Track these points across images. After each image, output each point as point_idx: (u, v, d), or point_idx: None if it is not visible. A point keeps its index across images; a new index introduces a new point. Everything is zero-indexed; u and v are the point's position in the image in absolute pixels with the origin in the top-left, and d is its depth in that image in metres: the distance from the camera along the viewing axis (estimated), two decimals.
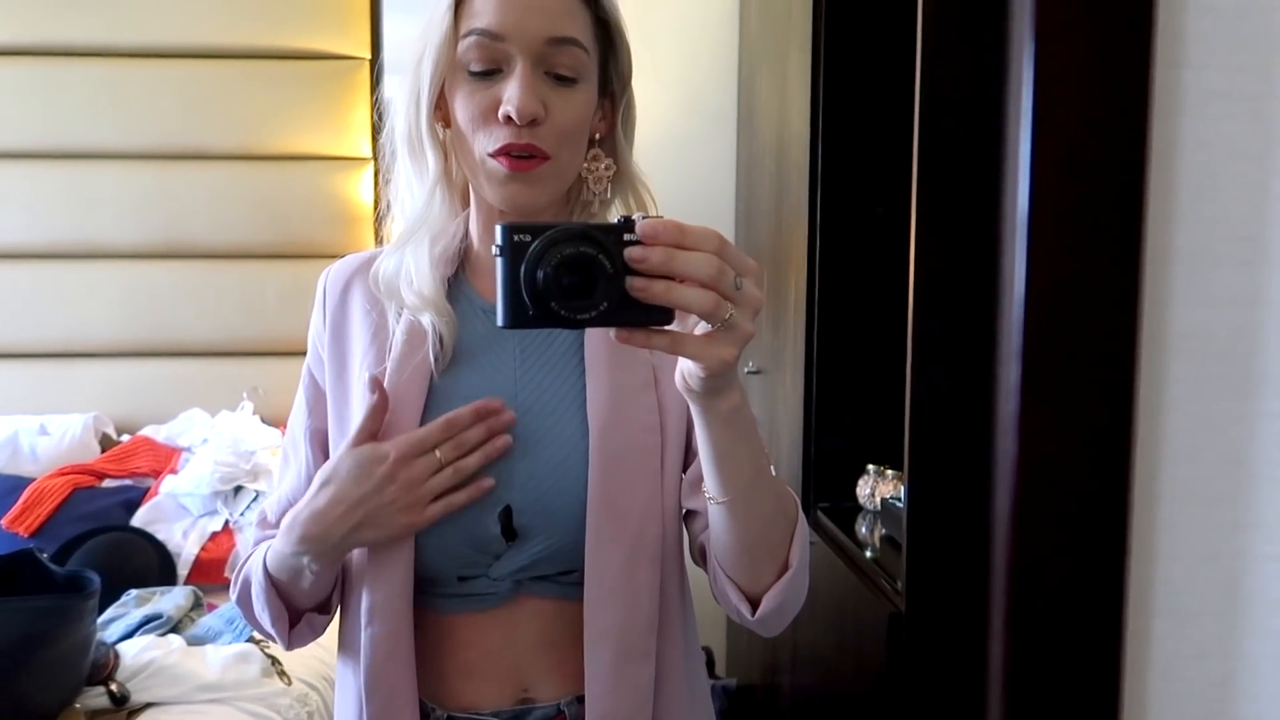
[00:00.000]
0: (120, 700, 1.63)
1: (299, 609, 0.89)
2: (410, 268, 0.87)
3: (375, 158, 2.65)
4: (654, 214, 0.78)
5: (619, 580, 0.81)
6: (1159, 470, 0.60)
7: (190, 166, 2.60)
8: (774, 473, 0.78)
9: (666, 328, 0.63)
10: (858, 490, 1.84)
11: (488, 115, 0.80)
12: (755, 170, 2.55)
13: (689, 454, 0.87)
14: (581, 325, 0.61)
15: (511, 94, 0.78)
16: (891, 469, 1.80)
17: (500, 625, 0.85)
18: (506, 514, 0.83)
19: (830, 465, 1.97)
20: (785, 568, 0.79)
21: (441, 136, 0.86)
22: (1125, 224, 0.58)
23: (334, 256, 2.90)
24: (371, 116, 2.64)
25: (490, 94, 0.80)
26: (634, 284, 0.60)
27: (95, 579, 1.59)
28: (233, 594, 0.93)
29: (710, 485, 0.74)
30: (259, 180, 2.60)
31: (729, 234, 2.75)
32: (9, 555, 1.64)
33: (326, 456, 0.88)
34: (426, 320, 0.85)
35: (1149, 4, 0.59)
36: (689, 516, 0.88)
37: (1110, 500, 0.59)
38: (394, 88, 2.67)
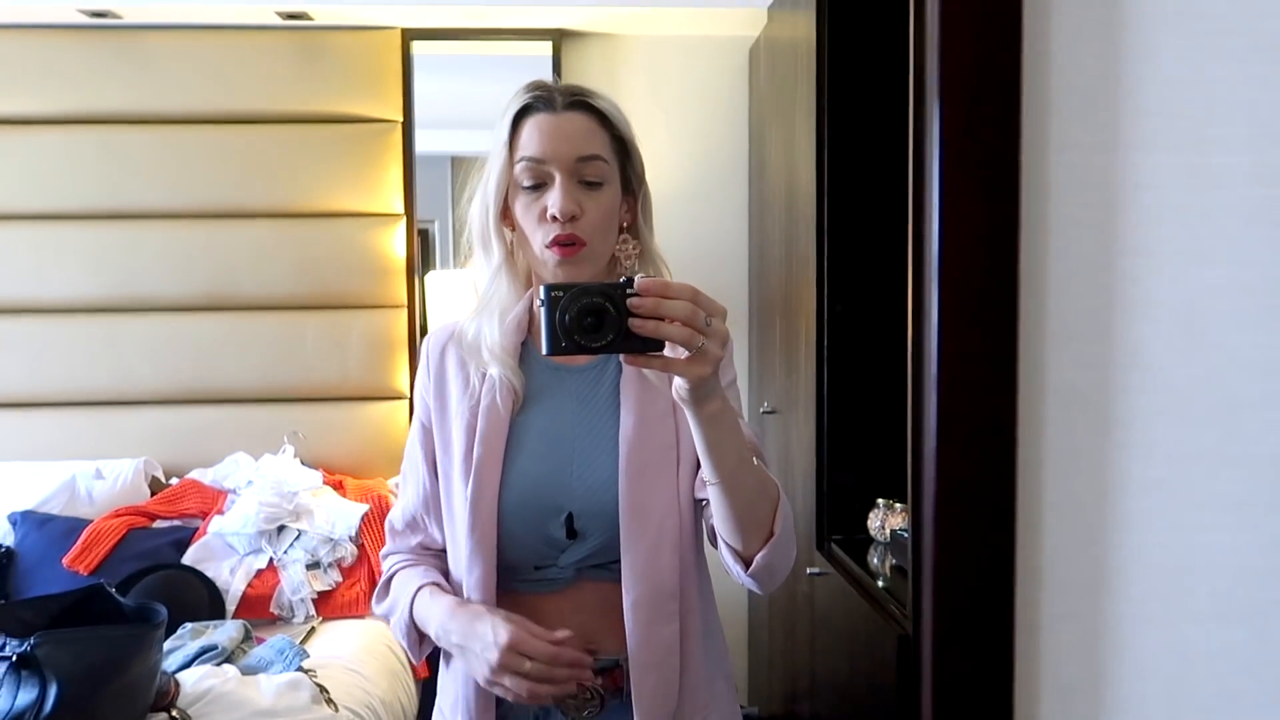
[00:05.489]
0: None
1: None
2: (484, 333, 1.13)
3: (407, 214, 2.81)
4: (670, 278, 1.02)
5: (646, 564, 1.07)
6: (1041, 489, 0.77)
7: (234, 224, 2.76)
8: (760, 464, 1.03)
9: (659, 354, 0.88)
10: (869, 523, 1.94)
11: (540, 218, 1.09)
12: (766, 220, 2.69)
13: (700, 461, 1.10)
14: (596, 352, 0.88)
15: (554, 200, 1.08)
16: (900, 502, 1.90)
17: (569, 601, 1.11)
18: (569, 520, 1.09)
19: (842, 499, 2.07)
20: (770, 535, 1.02)
21: (509, 236, 1.15)
22: (1005, 302, 0.76)
23: (369, 307, 3.07)
24: (404, 175, 2.80)
25: (540, 203, 1.09)
26: (634, 323, 0.86)
27: (162, 610, 1.71)
28: (376, 607, 1.24)
29: (705, 471, 0.98)
30: (298, 236, 2.76)
31: (742, 280, 2.89)
32: (82, 590, 1.77)
33: (436, 476, 1.18)
34: (497, 372, 1.12)
35: (1016, 82, 0.75)
36: (700, 505, 1.12)
37: (1002, 512, 0.76)
38: (424, 145, 2.84)
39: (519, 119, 1.11)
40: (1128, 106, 0.79)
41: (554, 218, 1.07)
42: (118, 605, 1.76)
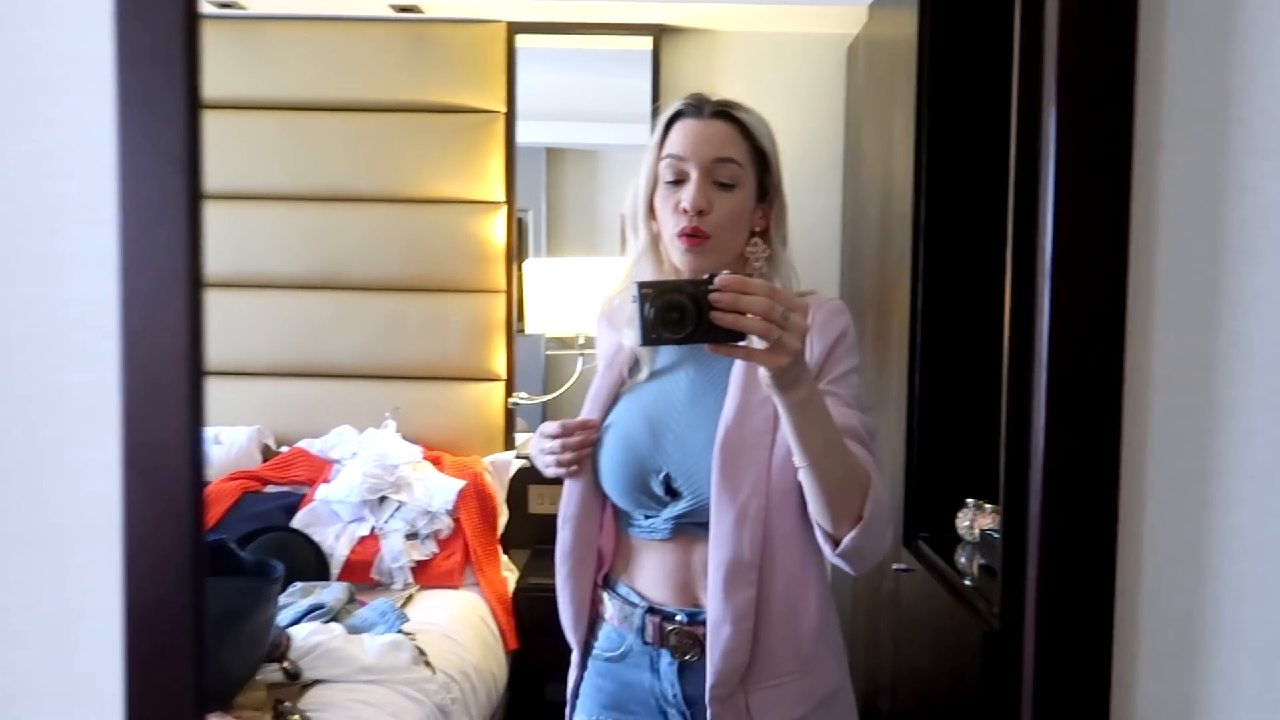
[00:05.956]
0: (293, 676, 1.87)
1: None
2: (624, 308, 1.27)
3: (508, 202, 2.90)
4: (796, 288, 1.26)
5: (730, 534, 1.16)
6: (1144, 472, 0.82)
7: (345, 208, 2.89)
8: (863, 451, 1.12)
9: (740, 344, 0.97)
10: (957, 522, 1.94)
11: (674, 209, 1.22)
12: (860, 217, 2.70)
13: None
14: (679, 343, 0.98)
15: (687, 194, 1.21)
16: (990, 503, 1.91)
17: (674, 552, 1.24)
18: (667, 478, 1.22)
19: (930, 498, 2.08)
20: (859, 519, 1.09)
21: (655, 226, 1.27)
22: (1115, 298, 0.79)
23: (469, 291, 3.17)
24: (505, 164, 2.89)
25: (676, 196, 1.23)
26: (715, 316, 0.95)
27: (279, 566, 1.83)
28: None
29: (794, 455, 1.08)
30: (404, 221, 2.87)
31: (834, 276, 2.91)
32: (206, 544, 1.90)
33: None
34: (627, 343, 1.28)
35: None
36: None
37: (1106, 500, 0.79)
38: (521, 136, 2.93)
39: (671, 122, 1.25)
40: (1237, 113, 0.81)
41: (684, 210, 1.20)
42: (238, 560, 1.88)
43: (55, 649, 0.76)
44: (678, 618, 1.23)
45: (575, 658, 1.34)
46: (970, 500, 1.93)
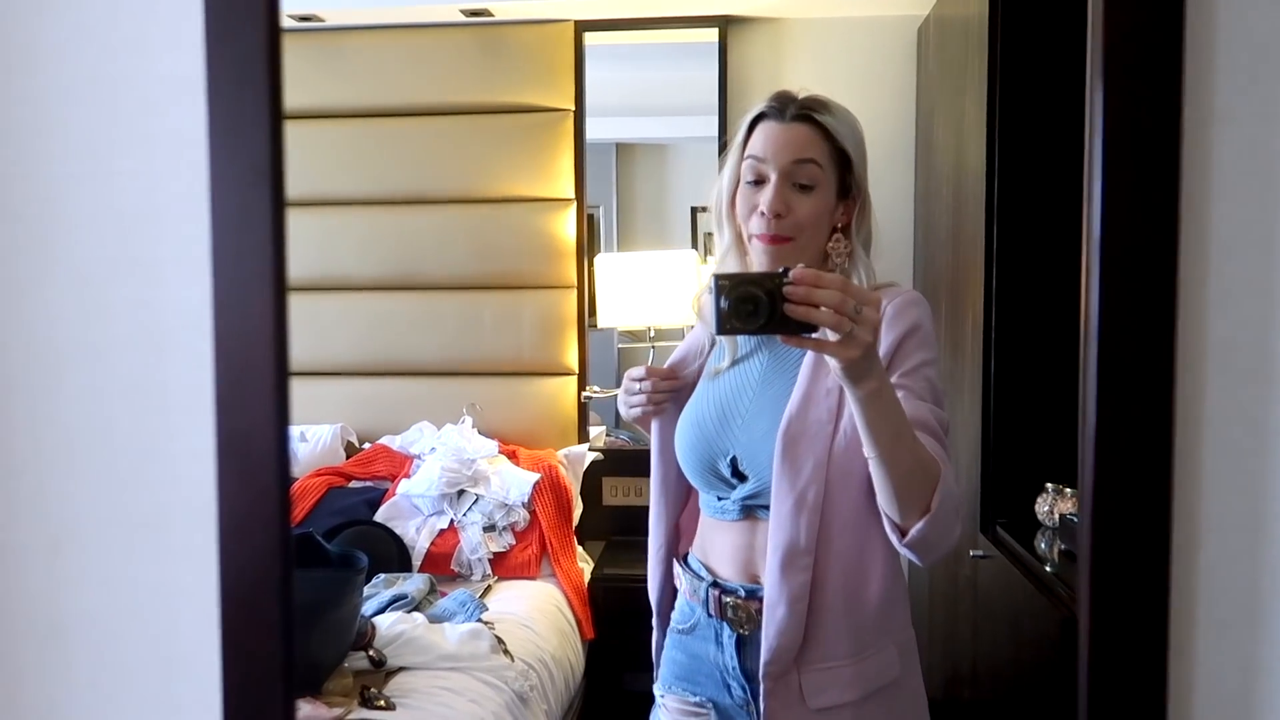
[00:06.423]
0: (378, 664, 1.94)
1: None
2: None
3: (578, 199, 2.94)
4: (874, 283, 1.27)
5: (787, 519, 1.19)
6: (1200, 445, 0.80)
7: (420, 210, 2.96)
8: (933, 443, 1.13)
9: (813, 336, 0.99)
10: (1036, 507, 1.91)
11: (754, 211, 1.26)
12: (932, 202, 2.66)
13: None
14: (752, 333, 1.04)
15: (766, 197, 1.24)
16: (1070, 487, 1.87)
17: (741, 533, 1.28)
18: (733, 461, 1.26)
19: (1008, 483, 2.05)
20: (928, 510, 1.10)
21: (738, 225, 1.30)
22: (1165, 273, 0.77)
23: (541, 288, 3.22)
24: (575, 161, 2.93)
25: (756, 198, 1.26)
26: (788, 308, 0.97)
27: (364, 557, 1.90)
28: None
29: (864, 445, 1.09)
30: (478, 221, 2.93)
31: (906, 261, 2.87)
32: (293, 537, 1.98)
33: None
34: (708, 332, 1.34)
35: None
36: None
37: (1160, 474, 0.77)
38: (591, 133, 2.96)
39: (754, 123, 1.28)
40: None
41: (762, 213, 1.24)
42: (325, 552, 1.96)
43: (157, 627, 0.81)
44: (737, 591, 1.27)
45: (655, 622, 1.41)
46: (1049, 485, 1.90)
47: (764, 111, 1.28)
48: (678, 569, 1.36)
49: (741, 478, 1.26)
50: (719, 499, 1.30)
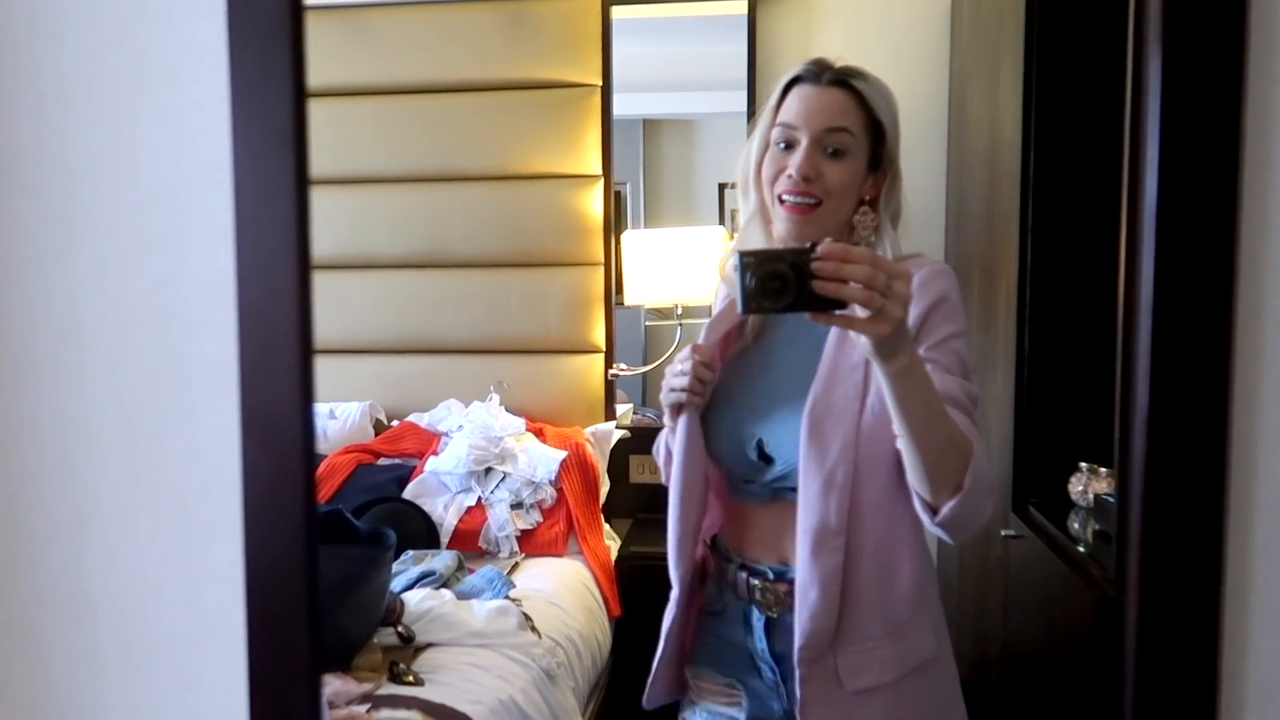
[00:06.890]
0: (407, 640, 1.95)
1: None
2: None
3: (605, 175, 2.91)
4: (902, 254, 1.23)
5: (817, 499, 1.16)
6: (1256, 423, 0.76)
7: (447, 188, 2.95)
8: (965, 420, 1.10)
9: (841, 313, 0.96)
10: (1070, 487, 1.88)
11: (780, 173, 1.23)
12: (966, 176, 2.61)
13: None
14: (780, 311, 0.96)
15: (794, 160, 1.22)
16: (1104, 466, 1.84)
17: (770, 516, 1.26)
18: (760, 444, 1.24)
19: (1042, 462, 2.02)
20: (959, 489, 1.07)
21: (764, 192, 1.27)
22: (1224, 245, 0.73)
23: (568, 265, 3.20)
24: (602, 137, 2.90)
25: (784, 161, 1.23)
26: (817, 285, 0.94)
27: (392, 534, 1.91)
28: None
29: (894, 423, 1.06)
30: (505, 198, 2.92)
31: (939, 236, 2.83)
32: (323, 514, 2.00)
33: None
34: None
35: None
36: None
37: (1215, 455, 0.74)
38: (618, 109, 2.93)
39: (788, 88, 1.26)
40: None
41: (790, 175, 1.21)
42: (354, 529, 1.97)
43: (183, 603, 0.81)
44: (765, 574, 1.25)
45: (674, 594, 1.34)
46: (1084, 464, 1.87)
47: (799, 75, 1.25)
48: (710, 555, 1.35)
49: (769, 461, 1.24)
50: (746, 483, 1.28)
